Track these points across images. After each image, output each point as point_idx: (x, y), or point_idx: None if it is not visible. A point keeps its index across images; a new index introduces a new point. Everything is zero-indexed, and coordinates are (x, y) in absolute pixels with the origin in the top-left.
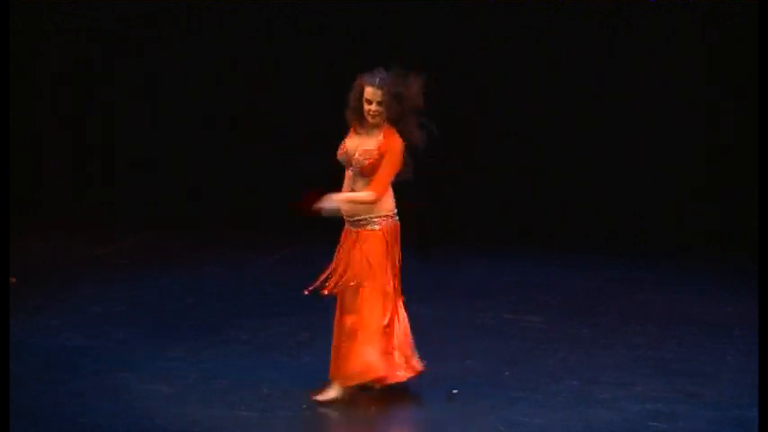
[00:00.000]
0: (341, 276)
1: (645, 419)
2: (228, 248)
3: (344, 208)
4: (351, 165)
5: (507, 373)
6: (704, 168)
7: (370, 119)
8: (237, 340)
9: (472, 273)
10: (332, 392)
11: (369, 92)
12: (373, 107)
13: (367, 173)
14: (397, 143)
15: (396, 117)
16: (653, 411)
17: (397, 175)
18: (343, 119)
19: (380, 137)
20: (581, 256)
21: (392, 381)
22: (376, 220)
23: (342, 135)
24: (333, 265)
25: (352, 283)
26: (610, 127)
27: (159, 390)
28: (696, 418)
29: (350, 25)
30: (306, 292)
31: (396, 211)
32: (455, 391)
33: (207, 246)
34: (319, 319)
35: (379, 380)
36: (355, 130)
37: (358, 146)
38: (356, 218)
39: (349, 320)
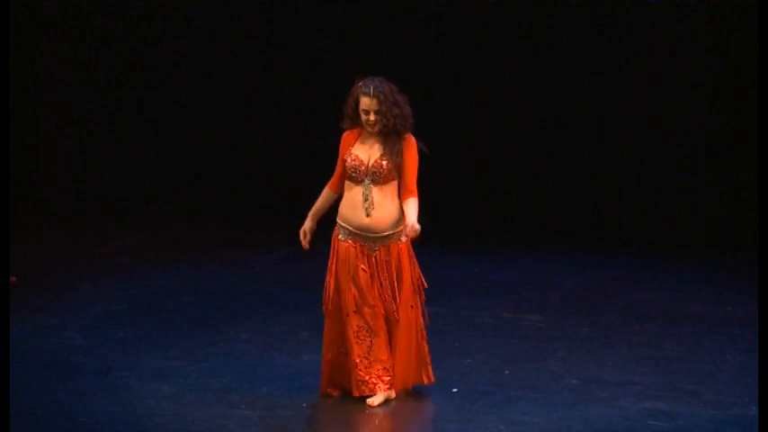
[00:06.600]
0: (394, 300)
1: (645, 418)
2: (228, 248)
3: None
4: (366, 174)
5: (507, 372)
6: (704, 168)
7: (369, 128)
8: (237, 340)
9: (472, 273)
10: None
11: (365, 102)
12: (371, 117)
13: (389, 178)
14: (413, 142)
15: (394, 126)
16: (653, 410)
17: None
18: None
19: (398, 141)
20: (581, 256)
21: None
22: (401, 230)
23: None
24: (357, 289)
25: (411, 306)
26: (610, 127)
27: (159, 389)
28: (696, 416)
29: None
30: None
31: None
32: (455, 391)
33: (207, 245)
34: (319, 318)
35: None
36: (360, 137)
37: (371, 153)
38: (387, 233)
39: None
